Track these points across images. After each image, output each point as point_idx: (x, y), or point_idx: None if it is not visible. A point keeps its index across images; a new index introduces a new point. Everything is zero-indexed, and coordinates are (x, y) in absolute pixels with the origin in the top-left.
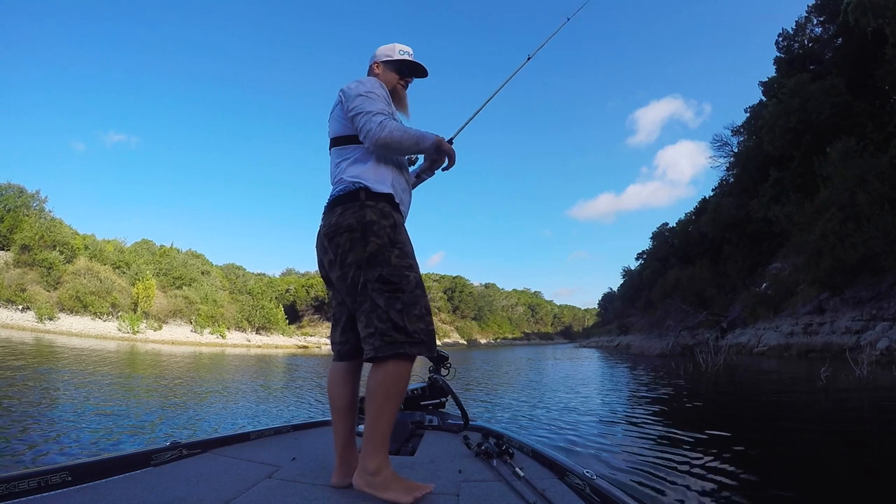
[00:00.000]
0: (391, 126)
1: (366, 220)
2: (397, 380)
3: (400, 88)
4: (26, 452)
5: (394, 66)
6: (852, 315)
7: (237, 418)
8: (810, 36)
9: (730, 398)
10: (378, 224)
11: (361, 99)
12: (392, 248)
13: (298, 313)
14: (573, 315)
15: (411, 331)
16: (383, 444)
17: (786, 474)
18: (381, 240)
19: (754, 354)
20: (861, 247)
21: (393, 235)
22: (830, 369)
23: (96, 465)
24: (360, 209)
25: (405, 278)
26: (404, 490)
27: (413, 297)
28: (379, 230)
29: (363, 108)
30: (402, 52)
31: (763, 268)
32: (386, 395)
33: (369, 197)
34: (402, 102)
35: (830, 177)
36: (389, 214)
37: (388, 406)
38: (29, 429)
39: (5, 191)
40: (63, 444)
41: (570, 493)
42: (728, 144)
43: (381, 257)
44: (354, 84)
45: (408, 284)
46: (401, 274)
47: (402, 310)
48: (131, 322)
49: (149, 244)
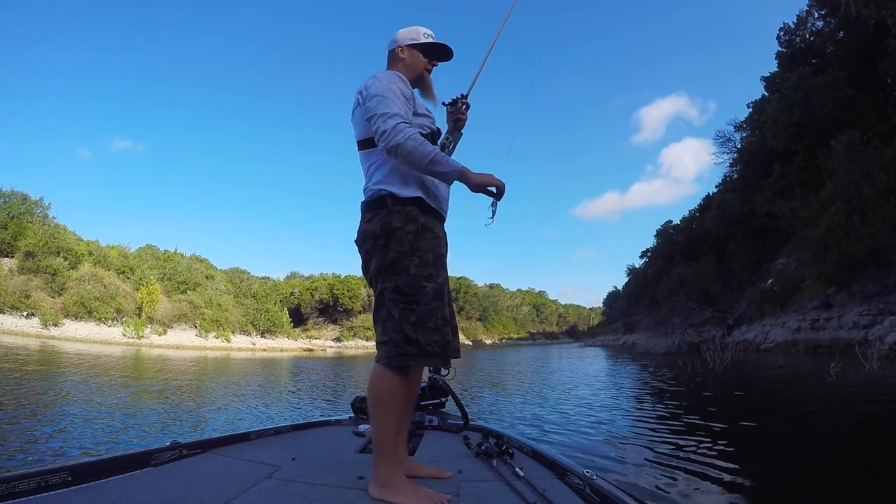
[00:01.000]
0: (406, 133)
1: (391, 227)
2: (408, 388)
3: (426, 74)
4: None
5: (421, 49)
6: (859, 310)
7: (237, 419)
8: (811, 30)
9: (738, 395)
10: (402, 230)
11: (377, 100)
12: (412, 257)
13: (303, 316)
14: (578, 314)
15: (424, 343)
16: (390, 450)
17: (793, 473)
18: (402, 247)
19: (761, 351)
20: (867, 240)
21: (414, 242)
22: (840, 365)
23: (96, 465)
24: (388, 215)
25: (422, 290)
26: (417, 496)
27: (428, 310)
28: (401, 237)
29: (377, 111)
30: (427, 34)
31: (768, 263)
32: (388, 402)
33: (396, 202)
34: (429, 88)
35: (835, 170)
36: (415, 219)
37: (392, 414)
38: (30, 430)
39: (9, 198)
40: (63, 444)
41: (570, 493)
42: (731, 140)
43: (400, 266)
44: (371, 81)
45: (424, 296)
46: (418, 285)
47: (415, 322)
48: (136, 327)
49: (153, 249)
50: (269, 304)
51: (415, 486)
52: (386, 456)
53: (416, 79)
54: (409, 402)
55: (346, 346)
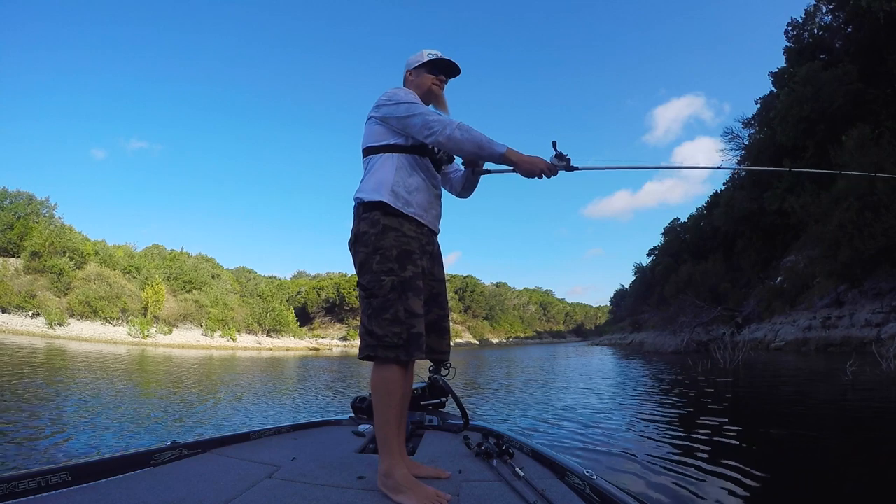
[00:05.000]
0: (453, 124)
1: (360, 232)
2: (387, 382)
3: (435, 88)
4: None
5: (425, 68)
6: (872, 307)
7: (238, 418)
8: (820, 24)
9: (751, 396)
10: (367, 234)
11: (407, 106)
12: (374, 255)
13: (309, 315)
14: (585, 313)
15: (381, 335)
16: (387, 444)
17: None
18: (367, 248)
19: (771, 350)
20: (880, 236)
21: (376, 242)
22: (856, 364)
23: (96, 465)
24: (359, 222)
25: (379, 284)
26: (417, 496)
27: (384, 302)
28: (366, 240)
29: (413, 111)
30: (430, 54)
31: (777, 261)
32: (380, 398)
33: (364, 209)
34: (439, 101)
35: (847, 165)
36: (377, 222)
37: (383, 407)
38: (30, 430)
39: (15, 198)
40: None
41: (570, 493)
42: (739, 137)
43: (366, 266)
44: (392, 93)
45: (381, 290)
46: (377, 280)
47: (371, 314)
48: (141, 326)
49: (159, 249)
50: (275, 303)
51: (417, 483)
52: (384, 450)
53: (425, 94)
54: (403, 396)
55: (353, 345)
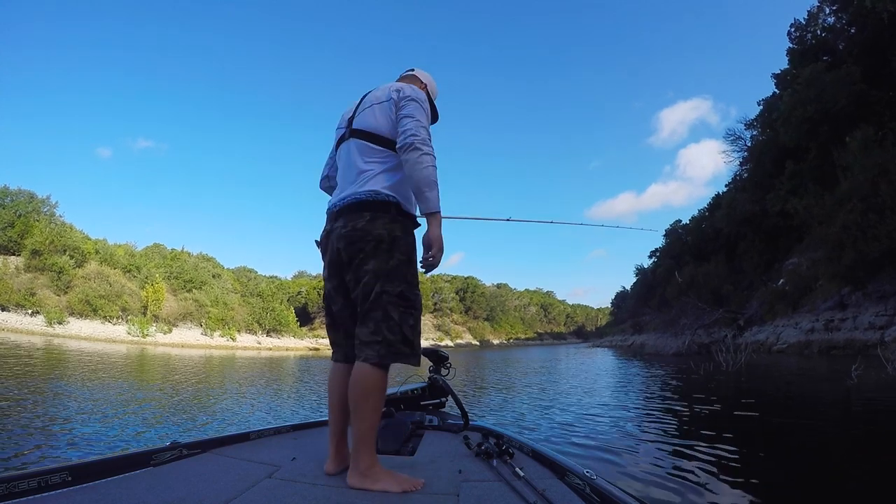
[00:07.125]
0: (432, 151)
1: (394, 235)
2: (383, 385)
3: None
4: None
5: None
6: (876, 310)
7: (238, 418)
8: (823, 25)
9: (755, 399)
10: (405, 241)
11: (416, 107)
12: (411, 267)
13: (310, 315)
14: (586, 314)
15: (416, 345)
16: (373, 442)
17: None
18: (404, 257)
19: (773, 352)
20: (884, 239)
21: (411, 254)
22: (861, 366)
23: (96, 465)
24: (391, 222)
25: (418, 298)
26: (395, 482)
27: (419, 316)
28: (405, 248)
29: (416, 115)
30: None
31: (780, 263)
32: (376, 398)
33: (400, 213)
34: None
35: (850, 167)
36: (410, 231)
37: (377, 407)
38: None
39: (16, 196)
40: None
41: (570, 493)
42: (741, 139)
43: (402, 274)
44: (411, 90)
45: (419, 303)
46: (416, 293)
47: (413, 326)
48: (141, 325)
49: (160, 248)
50: (276, 303)
51: (391, 472)
52: (368, 447)
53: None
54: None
55: None
